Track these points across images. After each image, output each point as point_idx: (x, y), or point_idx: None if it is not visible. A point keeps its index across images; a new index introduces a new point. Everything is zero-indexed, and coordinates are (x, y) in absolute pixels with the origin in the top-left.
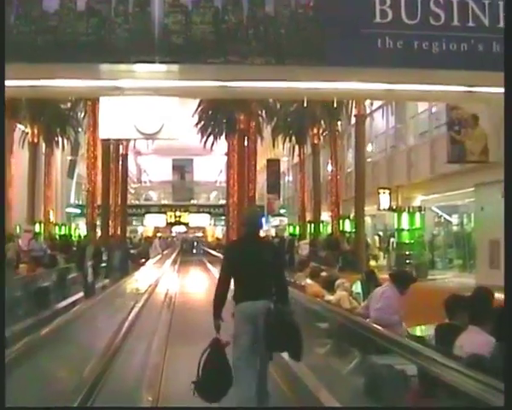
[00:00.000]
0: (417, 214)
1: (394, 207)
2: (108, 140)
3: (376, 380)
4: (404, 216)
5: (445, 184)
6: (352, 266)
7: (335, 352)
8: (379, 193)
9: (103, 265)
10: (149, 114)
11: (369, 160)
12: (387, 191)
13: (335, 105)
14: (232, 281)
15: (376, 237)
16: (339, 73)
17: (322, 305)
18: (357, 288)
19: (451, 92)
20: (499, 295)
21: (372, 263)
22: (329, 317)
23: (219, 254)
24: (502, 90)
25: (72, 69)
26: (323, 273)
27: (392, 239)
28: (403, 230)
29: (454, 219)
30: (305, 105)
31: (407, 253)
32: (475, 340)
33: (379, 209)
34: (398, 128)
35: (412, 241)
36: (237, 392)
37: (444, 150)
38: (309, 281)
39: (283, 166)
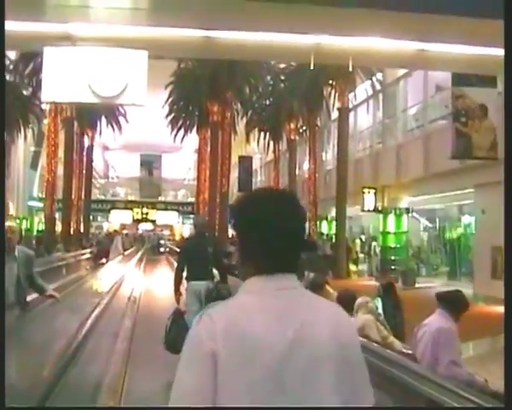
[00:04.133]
0: (404, 217)
1: (380, 209)
2: (55, 105)
3: None
4: (391, 218)
5: (439, 185)
6: (334, 272)
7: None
8: (363, 192)
9: None
10: (109, 72)
11: (351, 157)
12: (373, 191)
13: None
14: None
15: (358, 241)
16: (359, 19)
17: None
18: (378, 307)
19: None
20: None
21: (352, 268)
22: None
23: None
24: None
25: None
26: (329, 288)
27: (373, 243)
28: (388, 233)
29: (433, 223)
30: (311, 67)
31: (392, 258)
32: None
33: (363, 210)
34: (385, 123)
35: (398, 245)
36: None
37: (439, 146)
38: None
39: (255, 164)
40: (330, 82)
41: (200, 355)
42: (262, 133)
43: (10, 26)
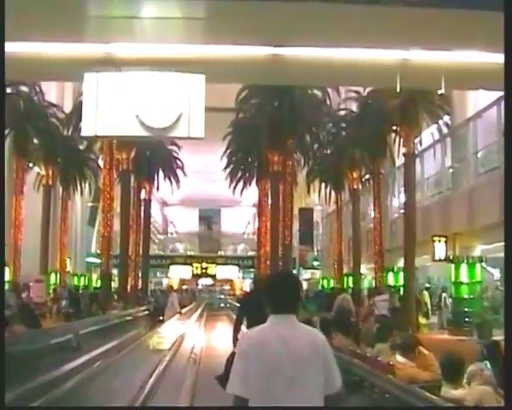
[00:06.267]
0: (478, 266)
1: (451, 258)
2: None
3: None
4: (463, 268)
5: None
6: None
7: None
8: (433, 241)
9: None
10: (160, 100)
11: (418, 205)
12: (443, 239)
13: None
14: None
15: (426, 292)
16: (459, 25)
17: (433, 400)
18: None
19: None
20: None
21: (422, 321)
22: None
23: None
24: None
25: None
26: (423, 348)
27: (443, 294)
28: (461, 283)
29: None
30: (397, 90)
31: (465, 310)
32: None
33: (433, 260)
34: (455, 168)
35: (472, 296)
36: None
37: None
38: (400, 358)
39: (316, 216)
40: (394, 128)
41: (240, 355)
42: (323, 184)
43: (42, 48)
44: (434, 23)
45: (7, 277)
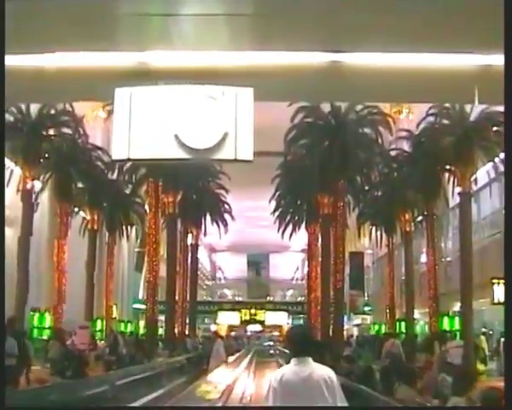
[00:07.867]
0: None
1: None
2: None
3: None
4: None
5: None
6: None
7: None
8: (492, 284)
9: None
10: (202, 118)
11: (474, 246)
12: (503, 282)
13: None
14: None
15: (483, 337)
16: None
17: None
18: None
19: None
20: None
21: (480, 367)
22: None
23: None
24: None
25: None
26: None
27: (502, 339)
28: None
29: None
30: (476, 104)
31: None
32: None
33: (493, 303)
34: None
35: None
36: None
37: None
38: None
39: (367, 260)
40: (448, 167)
41: (270, 386)
42: (374, 227)
43: (65, 60)
44: None
45: (48, 323)
